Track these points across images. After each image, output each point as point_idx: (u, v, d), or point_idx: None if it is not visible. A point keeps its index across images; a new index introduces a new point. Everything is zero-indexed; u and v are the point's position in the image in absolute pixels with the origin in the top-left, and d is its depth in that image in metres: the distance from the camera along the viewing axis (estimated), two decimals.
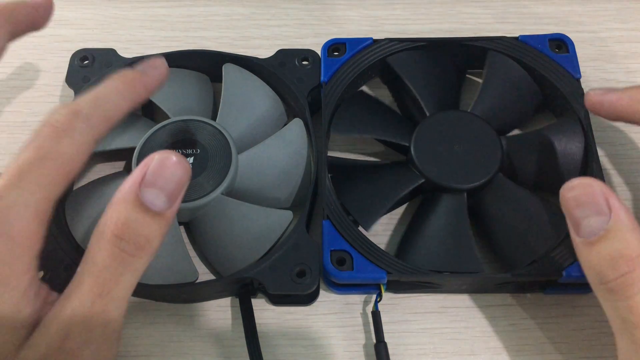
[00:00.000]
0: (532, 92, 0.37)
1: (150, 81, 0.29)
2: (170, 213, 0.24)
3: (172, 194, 0.24)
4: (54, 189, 0.23)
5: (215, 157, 0.33)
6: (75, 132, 0.24)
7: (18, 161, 0.23)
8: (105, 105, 0.26)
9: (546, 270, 0.30)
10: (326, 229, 0.31)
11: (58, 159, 0.23)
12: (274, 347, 0.32)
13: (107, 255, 0.23)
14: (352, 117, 0.36)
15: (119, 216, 0.23)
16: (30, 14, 0.30)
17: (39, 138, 0.24)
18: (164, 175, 0.24)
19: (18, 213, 0.22)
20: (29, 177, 0.22)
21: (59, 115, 0.24)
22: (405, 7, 0.44)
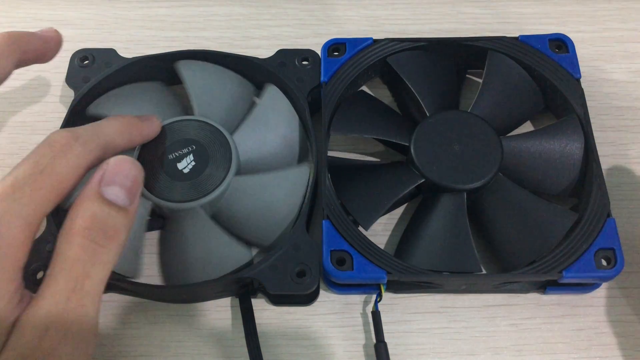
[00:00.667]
0: (532, 93, 0.37)
1: (146, 131, 0.32)
2: (132, 209, 0.25)
3: (131, 191, 0.25)
4: (45, 204, 0.24)
5: (212, 146, 0.33)
6: (72, 154, 0.25)
7: (14, 174, 0.24)
8: (103, 137, 0.27)
9: (546, 270, 0.30)
10: (326, 229, 0.31)
11: (52, 176, 0.24)
12: (274, 347, 0.32)
13: (77, 248, 0.23)
14: (352, 117, 0.36)
15: (85, 211, 0.24)
16: (40, 47, 0.31)
17: (36, 155, 0.24)
18: (121, 174, 0.25)
19: (8, 223, 0.22)
20: (23, 190, 0.23)
21: (58, 136, 0.25)
22: (405, 7, 0.44)
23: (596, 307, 0.33)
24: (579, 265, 0.30)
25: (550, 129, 0.35)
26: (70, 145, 0.25)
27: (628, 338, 0.32)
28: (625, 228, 0.34)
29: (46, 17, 0.44)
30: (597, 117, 0.38)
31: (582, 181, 0.33)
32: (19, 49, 0.29)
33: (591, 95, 0.39)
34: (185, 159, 0.33)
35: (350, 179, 0.34)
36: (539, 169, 0.34)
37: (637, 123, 0.38)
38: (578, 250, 0.30)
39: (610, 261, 0.30)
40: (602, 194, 0.32)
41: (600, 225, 0.31)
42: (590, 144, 0.33)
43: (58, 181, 0.24)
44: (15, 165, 0.24)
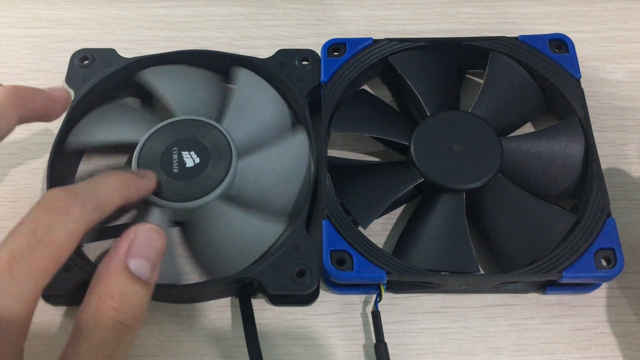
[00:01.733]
0: (533, 94, 0.37)
1: (143, 187, 0.30)
2: (153, 281, 0.25)
3: (154, 264, 0.25)
4: (44, 277, 0.22)
5: (215, 160, 0.33)
6: (70, 218, 0.23)
7: (10, 245, 0.22)
8: (101, 197, 0.26)
9: (546, 270, 0.30)
10: (326, 229, 0.31)
11: (51, 246, 0.22)
12: (274, 347, 0.32)
13: (105, 331, 0.23)
14: (353, 116, 0.36)
15: (113, 289, 0.23)
16: (45, 105, 0.29)
17: (33, 221, 0.23)
18: (147, 246, 0.25)
19: (7, 306, 0.21)
20: (21, 265, 0.21)
21: (55, 198, 0.23)
22: (406, 7, 0.44)
23: (596, 307, 0.33)
24: (578, 265, 0.30)
25: (550, 130, 0.35)
26: (68, 208, 0.23)
27: (628, 338, 0.32)
28: (625, 228, 0.34)
29: (46, 17, 0.44)
30: (597, 117, 0.38)
31: (582, 182, 0.33)
32: (23, 106, 0.28)
33: (591, 95, 0.39)
34: (185, 159, 0.33)
35: (350, 179, 0.34)
36: (539, 170, 0.34)
37: (637, 123, 0.38)
38: (578, 251, 0.30)
39: (610, 261, 0.30)
40: (602, 194, 0.32)
41: (600, 226, 0.31)
42: (590, 144, 0.33)
43: (56, 250, 0.23)
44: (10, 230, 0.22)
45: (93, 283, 0.24)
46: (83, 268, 0.30)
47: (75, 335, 0.23)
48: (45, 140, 0.39)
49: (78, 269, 0.30)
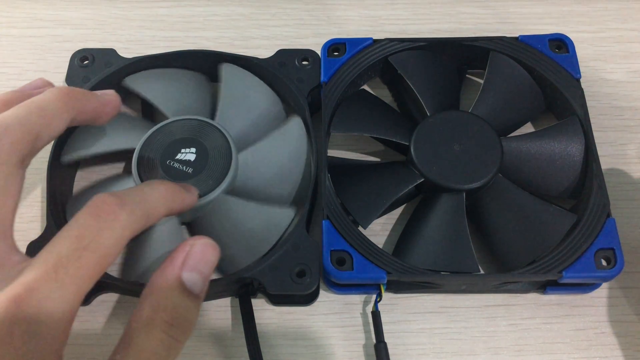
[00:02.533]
0: (534, 95, 0.37)
1: (187, 200, 0.30)
2: (202, 295, 0.25)
3: (207, 279, 0.25)
4: (88, 283, 0.22)
5: (215, 156, 0.33)
6: (118, 225, 0.23)
7: (56, 250, 0.22)
8: (148, 205, 0.26)
9: (546, 270, 0.30)
10: (326, 229, 0.31)
11: (97, 251, 0.22)
12: (274, 347, 0.32)
13: (156, 342, 0.23)
14: (353, 115, 0.36)
15: (167, 302, 0.23)
16: (97, 109, 0.30)
17: (80, 226, 0.23)
18: (202, 260, 0.25)
19: (51, 310, 0.21)
20: (67, 270, 0.21)
21: (104, 204, 0.23)
22: (406, 7, 0.44)
23: (596, 307, 0.33)
24: (578, 265, 0.30)
25: (550, 131, 0.35)
26: (116, 215, 0.23)
27: (628, 338, 0.32)
28: (625, 228, 0.34)
29: (46, 17, 0.44)
30: (597, 117, 0.38)
31: (582, 182, 0.33)
32: (75, 109, 0.28)
33: (591, 95, 0.39)
34: (185, 158, 0.33)
35: (350, 179, 0.34)
36: (539, 171, 0.34)
37: (637, 123, 0.38)
38: (578, 251, 0.30)
39: (610, 261, 0.30)
40: (602, 194, 0.32)
41: (600, 226, 0.31)
42: (590, 144, 0.33)
43: (102, 256, 0.22)
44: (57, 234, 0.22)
45: (146, 292, 0.24)
46: None
47: (124, 344, 0.23)
48: None
49: None
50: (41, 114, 0.26)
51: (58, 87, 0.28)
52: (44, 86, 0.30)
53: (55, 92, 0.27)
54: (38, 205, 0.36)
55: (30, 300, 0.20)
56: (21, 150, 0.25)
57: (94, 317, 0.32)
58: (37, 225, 0.35)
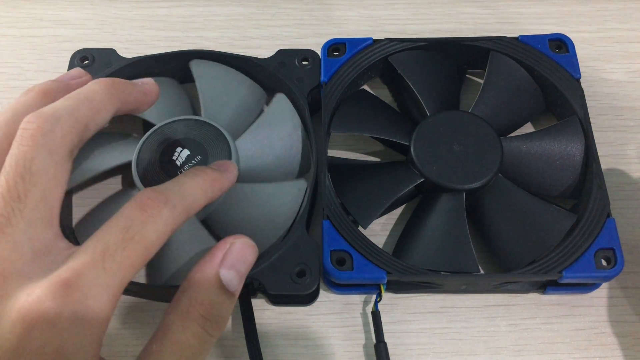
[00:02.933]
0: (534, 95, 0.37)
1: (226, 183, 0.30)
2: (237, 294, 0.26)
3: (243, 276, 0.26)
4: (131, 272, 0.23)
5: (213, 149, 0.33)
6: (161, 220, 0.24)
7: (104, 239, 0.23)
8: (189, 199, 0.26)
9: (546, 270, 0.30)
10: (326, 229, 0.31)
11: (141, 243, 0.23)
12: (274, 347, 0.32)
13: (191, 335, 0.24)
14: (353, 115, 0.36)
15: (204, 297, 0.24)
16: (139, 98, 0.30)
17: (127, 218, 0.23)
18: (241, 259, 0.26)
19: (96, 295, 0.22)
20: (114, 258, 0.22)
21: (148, 199, 0.24)
22: (406, 7, 0.44)
23: (596, 307, 0.33)
24: (578, 265, 0.30)
25: (550, 130, 0.35)
26: (160, 209, 0.24)
27: (628, 338, 0.32)
28: (625, 228, 0.34)
29: (46, 17, 0.44)
30: (597, 117, 0.38)
31: (582, 182, 0.33)
32: (120, 100, 0.28)
33: (591, 95, 0.39)
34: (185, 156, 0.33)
35: (350, 179, 0.34)
36: (539, 171, 0.34)
37: (637, 123, 0.38)
38: (578, 250, 0.30)
39: (610, 261, 0.30)
40: (602, 194, 0.32)
41: (600, 226, 0.31)
42: (590, 144, 0.33)
43: (146, 248, 0.23)
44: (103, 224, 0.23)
45: (185, 286, 0.25)
46: None
47: (161, 335, 0.24)
48: None
49: None
50: (90, 105, 0.27)
51: (103, 79, 0.28)
52: (81, 76, 0.31)
53: (102, 84, 0.28)
54: None
55: (77, 285, 0.21)
56: (71, 140, 0.25)
57: None
58: None
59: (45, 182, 0.24)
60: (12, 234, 0.22)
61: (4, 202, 0.23)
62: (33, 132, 0.24)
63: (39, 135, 0.24)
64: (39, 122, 0.24)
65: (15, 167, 0.23)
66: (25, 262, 0.22)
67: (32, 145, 0.24)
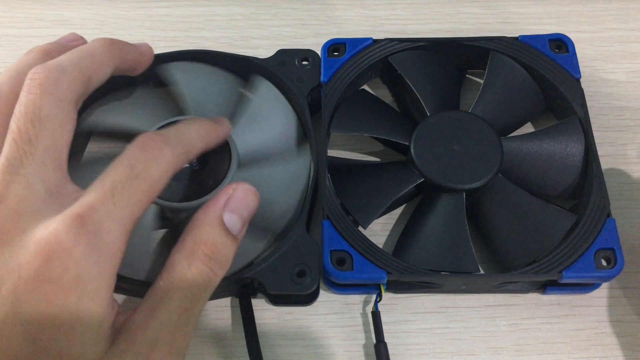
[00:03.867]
0: (534, 94, 0.37)
1: (222, 133, 0.31)
2: (240, 237, 0.27)
3: (245, 222, 0.27)
4: (140, 207, 0.24)
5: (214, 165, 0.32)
6: (163, 158, 0.25)
7: (111, 176, 0.24)
8: (187, 142, 0.28)
9: (546, 270, 0.30)
10: (326, 229, 0.31)
11: (147, 180, 0.24)
12: (274, 347, 0.32)
13: (196, 272, 0.25)
14: (353, 115, 0.36)
15: (207, 237, 0.26)
16: (136, 58, 0.32)
17: (130, 158, 0.25)
18: (243, 204, 0.27)
19: (109, 227, 0.23)
20: (122, 193, 0.23)
21: (150, 140, 0.26)
22: (405, 7, 0.44)
23: (596, 307, 0.33)
24: (578, 265, 0.30)
25: (550, 130, 0.35)
26: (161, 149, 0.25)
27: (628, 338, 0.32)
28: (625, 228, 0.34)
29: (46, 17, 0.44)
30: (597, 117, 0.38)
31: (582, 182, 0.33)
32: (119, 57, 0.30)
33: (591, 95, 0.39)
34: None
35: (350, 179, 0.34)
36: (539, 170, 0.34)
37: (637, 123, 0.38)
38: (578, 251, 0.30)
39: (610, 261, 0.30)
40: (602, 194, 0.32)
41: (600, 226, 0.31)
42: (590, 144, 0.33)
43: (151, 185, 0.25)
44: (109, 165, 0.24)
45: (189, 228, 0.26)
46: None
47: (167, 273, 0.25)
48: None
49: None
50: (92, 59, 0.28)
51: (103, 38, 0.30)
52: (77, 39, 0.32)
53: (102, 42, 0.30)
54: None
55: (91, 218, 0.22)
56: (77, 90, 0.27)
57: None
58: None
59: (54, 127, 0.25)
60: (25, 174, 0.24)
61: (16, 146, 0.24)
62: (40, 81, 0.25)
63: (46, 84, 0.25)
64: (46, 72, 0.26)
65: (25, 113, 0.24)
66: (39, 200, 0.23)
67: (40, 93, 0.25)
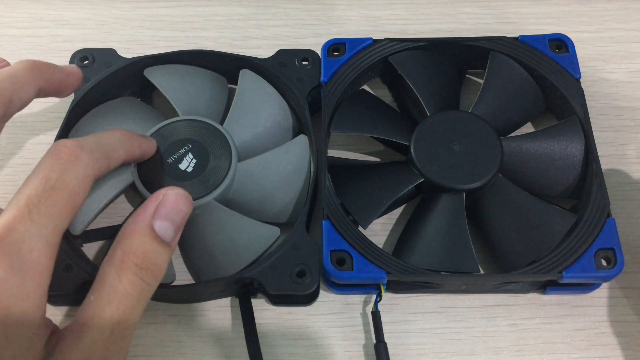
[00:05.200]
0: (534, 95, 0.37)
1: (145, 146, 0.31)
2: (174, 244, 0.26)
3: (179, 226, 0.26)
4: (62, 220, 0.23)
5: (215, 161, 0.33)
6: (80, 164, 0.25)
7: (26, 191, 0.23)
8: (107, 147, 0.27)
9: (546, 270, 0.30)
10: (326, 229, 0.31)
11: (65, 190, 0.23)
12: (274, 347, 0.32)
13: (127, 284, 0.24)
14: (353, 115, 0.36)
15: (137, 246, 0.25)
16: (62, 79, 0.31)
17: (44, 169, 0.24)
18: (174, 209, 0.26)
19: (30, 246, 0.22)
20: (39, 209, 0.22)
21: (64, 147, 0.25)
22: (405, 7, 0.44)
23: (596, 307, 0.33)
24: (578, 265, 0.30)
25: (550, 130, 0.35)
26: (76, 155, 0.25)
27: (628, 338, 0.32)
28: (625, 228, 0.34)
29: (46, 17, 0.44)
30: (597, 117, 0.38)
31: (582, 182, 0.33)
32: (42, 78, 0.29)
33: (591, 95, 0.39)
34: (185, 159, 0.33)
35: (350, 179, 0.34)
36: (539, 171, 0.34)
37: (637, 123, 0.38)
38: (578, 251, 0.30)
39: (610, 261, 0.30)
40: (602, 194, 0.32)
41: (600, 226, 0.31)
42: (590, 144, 0.33)
43: (70, 194, 0.24)
44: (24, 181, 0.23)
45: (118, 238, 0.25)
46: (84, 269, 0.30)
47: (98, 286, 0.24)
48: (46, 140, 0.39)
49: (79, 269, 0.30)
50: (12, 80, 0.28)
51: (25, 60, 0.30)
52: (1, 62, 0.32)
53: (24, 63, 0.29)
54: None
55: (9, 238, 0.22)
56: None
57: None
58: None
59: None
60: None
61: None
62: None
63: None
64: None
65: None
66: None
67: None
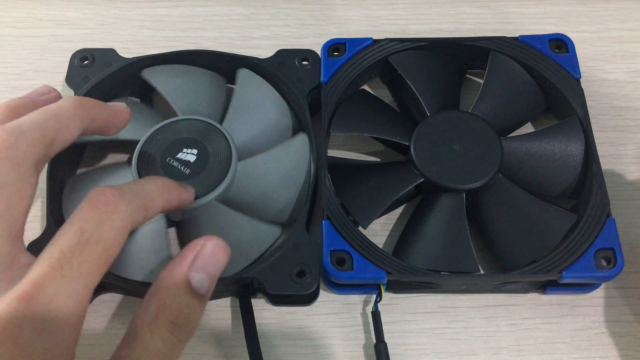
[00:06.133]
0: (534, 94, 0.37)
1: (185, 196, 0.30)
2: (208, 296, 0.25)
3: (214, 280, 0.25)
4: (95, 276, 0.22)
5: (215, 161, 0.33)
6: (118, 216, 0.23)
7: (59, 245, 0.22)
8: (146, 197, 0.26)
9: (546, 270, 0.30)
10: (326, 229, 0.31)
11: (99, 244, 0.22)
12: (274, 347, 0.32)
13: (159, 341, 0.23)
14: (353, 115, 0.36)
15: (172, 302, 0.24)
16: (109, 118, 0.30)
17: (80, 220, 0.23)
18: (212, 261, 0.25)
19: (59, 305, 0.21)
20: (72, 264, 0.21)
21: (102, 196, 0.24)
22: (405, 7, 0.44)
23: (596, 307, 0.33)
24: (578, 266, 0.30)
25: (550, 130, 0.35)
26: (115, 206, 0.23)
27: (628, 338, 0.32)
28: (625, 228, 0.34)
29: (46, 17, 0.44)
30: (597, 117, 0.38)
31: (582, 182, 0.33)
32: (88, 118, 0.28)
33: (591, 95, 0.39)
34: (185, 158, 0.33)
35: (350, 179, 0.34)
36: (539, 170, 0.34)
37: (637, 123, 0.38)
38: (578, 251, 0.30)
39: (610, 261, 0.30)
40: (602, 194, 0.32)
41: (600, 226, 0.31)
42: (590, 144, 0.33)
43: (105, 249, 0.23)
44: (58, 231, 0.23)
45: (153, 290, 0.24)
46: None
47: (129, 341, 0.23)
48: None
49: None
50: (56, 119, 0.26)
51: (72, 97, 0.28)
52: (49, 92, 0.30)
53: (70, 101, 0.28)
54: (38, 205, 0.36)
55: (38, 297, 0.20)
56: (36, 153, 0.25)
57: (94, 318, 0.32)
58: (37, 225, 0.35)
59: (8, 194, 0.23)
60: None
61: None
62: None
63: (2, 148, 0.23)
64: (3, 135, 0.24)
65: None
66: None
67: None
